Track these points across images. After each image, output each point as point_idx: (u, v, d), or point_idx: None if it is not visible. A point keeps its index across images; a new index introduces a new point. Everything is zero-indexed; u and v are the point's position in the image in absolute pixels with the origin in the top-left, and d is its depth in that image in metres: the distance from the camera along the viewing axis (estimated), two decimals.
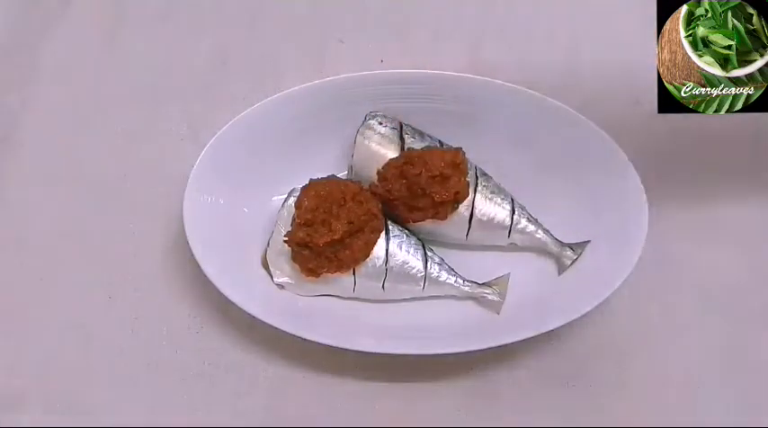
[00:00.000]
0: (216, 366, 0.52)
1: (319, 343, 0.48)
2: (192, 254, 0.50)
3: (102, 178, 0.59)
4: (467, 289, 0.52)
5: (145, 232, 0.56)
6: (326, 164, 0.56)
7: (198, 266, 0.49)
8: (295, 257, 0.51)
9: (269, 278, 0.52)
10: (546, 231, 0.54)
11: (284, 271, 0.52)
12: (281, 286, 0.52)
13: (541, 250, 0.54)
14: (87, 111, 0.63)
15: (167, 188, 0.55)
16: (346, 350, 0.48)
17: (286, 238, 0.51)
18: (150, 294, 0.54)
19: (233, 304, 0.49)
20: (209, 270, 0.49)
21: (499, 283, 0.52)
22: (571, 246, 0.53)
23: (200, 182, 0.52)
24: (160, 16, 0.68)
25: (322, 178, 0.53)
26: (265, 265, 0.53)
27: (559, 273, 0.53)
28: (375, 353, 0.48)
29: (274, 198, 0.55)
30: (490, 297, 0.52)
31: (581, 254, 0.53)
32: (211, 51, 0.66)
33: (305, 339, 0.48)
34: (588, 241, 0.53)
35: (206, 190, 0.53)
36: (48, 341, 0.53)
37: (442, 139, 0.56)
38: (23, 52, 0.66)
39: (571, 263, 0.53)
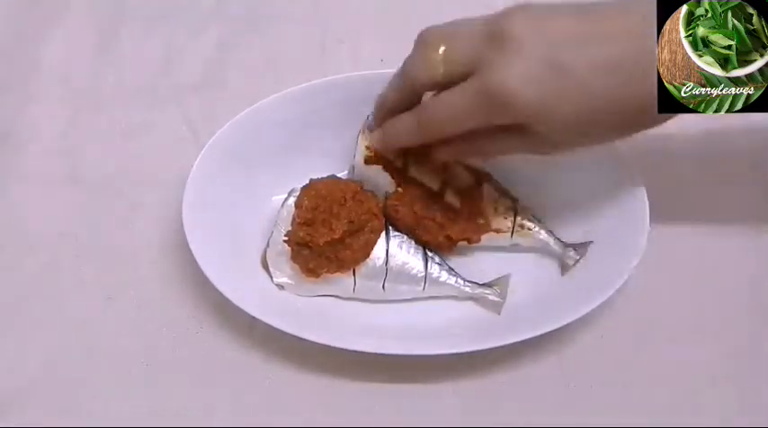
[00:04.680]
0: (216, 366, 0.51)
1: (319, 343, 0.48)
2: (192, 254, 0.50)
3: (101, 178, 0.59)
4: (467, 289, 0.52)
5: (144, 232, 0.56)
6: (326, 164, 0.56)
7: (197, 266, 0.49)
8: (295, 257, 0.51)
9: (269, 278, 0.52)
10: (549, 232, 0.54)
11: (284, 272, 0.52)
12: (280, 286, 0.52)
13: (544, 250, 0.54)
14: (87, 110, 0.63)
15: (167, 188, 0.55)
16: (346, 350, 0.48)
17: (286, 238, 0.51)
18: (150, 294, 0.54)
19: (232, 304, 0.48)
20: (209, 270, 0.49)
21: (500, 284, 0.52)
22: (574, 247, 0.53)
23: (199, 182, 0.52)
24: (159, 16, 0.68)
25: (322, 178, 0.53)
26: (265, 265, 0.53)
27: (563, 274, 0.53)
28: (375, 353, 0.48)
29: (274, 198, 0.55)
30: (491, 297, 0.52)
31: (584, 254, 0.53)
32: (211, 51, 0.66)
33: (305, 339, 0.48)
34: (591, 241, 0.53)
35: (206, 190, 0.52)
36: (48, 341, 0.53)
37: None
38: (23, 52, 0.66)
39: (574, 264, 0.53)
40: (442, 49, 0.44)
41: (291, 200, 0.52)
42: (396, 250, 0.52)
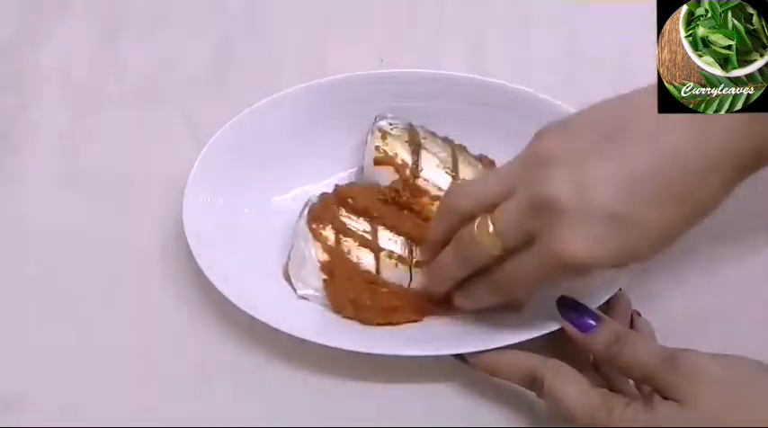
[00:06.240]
0: (216, 366, 0.51)
1: (319, 344, 0.48)
2: (192, 255, 0.50)
3: (101, 178, 0.59)
4: None
5: (144, 233, 0.56)
6: (327, 164, 0.56)
7: (197, 267, 0.49)
8: (328, 286, 0.50)
9: (269, 278, 0.52)
10: None
11: (308, 284, 0.51)
12: (304, 298, 0.52)
13: None
14: (87, 110, 0.63)
15: (167, 188, 0.55)
16: (346, 350, 0.48)
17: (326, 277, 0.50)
18: (149, 295, 0.54)
19: (232, 304, 0.48)
20: (209, 270, 0.49)
21: None
22: None
23: (199, 183, 0.52)
24: (160, 16, 0.68)
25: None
26: (287, 277, 0.52)
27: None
28: (375, 354, 0.48)
29: (274, 198, 0.55)
30: None
31: None
32: (211, 51, 0.66)
33: (305, 339, 0.48)
34: None
35: (206, 190, 0.53)
36: (47, 341, 0.53)
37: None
38: (23, 52, 0.66)
39: None
40: (491, 228, 0.43)
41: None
42: None
